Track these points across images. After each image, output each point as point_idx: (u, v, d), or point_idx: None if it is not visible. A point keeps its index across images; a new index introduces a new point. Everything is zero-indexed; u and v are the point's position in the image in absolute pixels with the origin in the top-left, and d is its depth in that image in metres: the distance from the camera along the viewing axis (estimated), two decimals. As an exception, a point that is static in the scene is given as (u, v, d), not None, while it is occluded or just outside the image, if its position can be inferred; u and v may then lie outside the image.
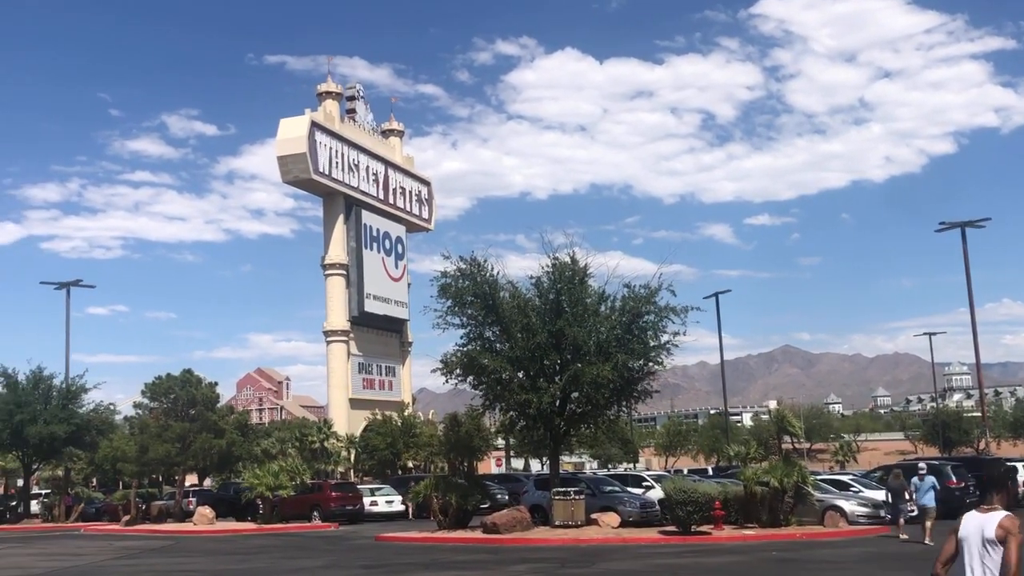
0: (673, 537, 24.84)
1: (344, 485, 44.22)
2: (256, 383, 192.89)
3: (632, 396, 29.33)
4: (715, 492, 25.82)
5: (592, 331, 27.60)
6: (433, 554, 23.40)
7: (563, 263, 28.38)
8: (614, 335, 27.55)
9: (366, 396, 76.73)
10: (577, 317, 27.60)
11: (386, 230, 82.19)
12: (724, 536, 24.72)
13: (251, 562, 22.82)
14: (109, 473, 58.14)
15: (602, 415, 29.60)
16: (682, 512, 24.96)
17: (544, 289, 28.57)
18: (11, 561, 25.34)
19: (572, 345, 27.32)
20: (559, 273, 28.25)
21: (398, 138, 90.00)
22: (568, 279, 28.11)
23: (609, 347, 27.39)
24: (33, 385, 47.56)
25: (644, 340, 28.03)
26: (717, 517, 25.47)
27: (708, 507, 25.14)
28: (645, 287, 28.12)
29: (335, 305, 75.28)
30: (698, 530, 25.08)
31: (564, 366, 27.79)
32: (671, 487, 25.75)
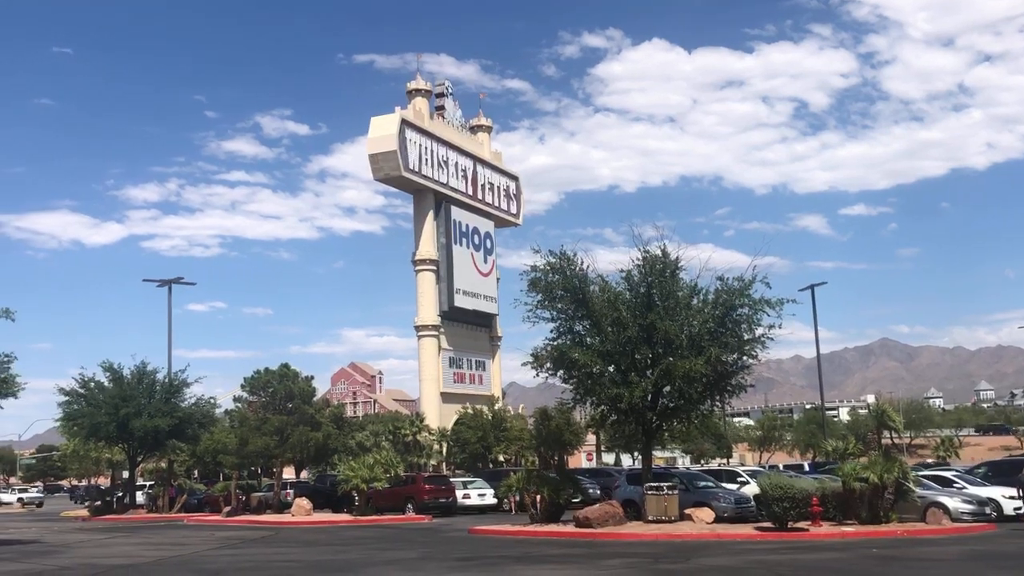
0: (769, 533, 24.43)
1: (437, 478, 44.66)
2: (350, 377, 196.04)
3: (726, 391, 28.90)
4: (812, 488, 25.30)
5: (684, 324, 27.30)
6: (526, 547, 23.45)
7: (654, 256, 28.11)
8: (707, 329, 27.19)
9: (457, 390, 77.36)
10: (669, 310, 27.32)
11: (475, 225, 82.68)
12: (822, 533, 24.21)
13: (347, 553, 23.18)
14: (210, 465, 59.75)
15: (695, 410, 29.23)
16: (778, 508, 24.54)
17: (635, 282, 28.35)
18: (119, 550, 26.24)
19: (664, 339, 27.05)
20: (650, 266, 28.00)
21: (486, 134, 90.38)
22: (659, 272, 27.83)
23: (702, 341, 27.06)
24: (138, 380, 49.08)
25: (738, 334, 27.60)
26: (815, 513, 24.94)
27: (805, 503, 24.65)
28: (739, 280, 27.69)
29: (426, 300, 76.05)
30: (795, 527, 24.62)
31: (656, 360, 27.54)
32: (767, 483, 25.32)
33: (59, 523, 45.92)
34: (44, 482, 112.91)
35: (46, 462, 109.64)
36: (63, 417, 50.27)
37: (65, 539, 31.63)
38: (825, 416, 78.10)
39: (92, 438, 51.62)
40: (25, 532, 37.00)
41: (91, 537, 32.51)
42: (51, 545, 28.68)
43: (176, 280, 55.83)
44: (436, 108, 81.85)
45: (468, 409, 71.39)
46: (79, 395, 48.80)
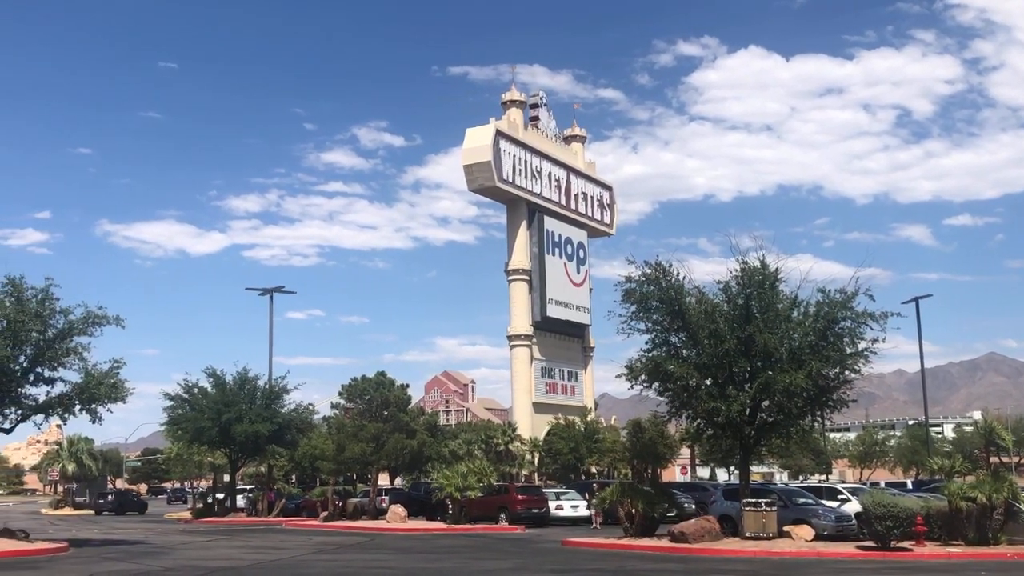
0: (871, 553, 23.73)
1: (530, 488, 44.66)
2: (443, 385, 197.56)
3: (826, 405, 28.19)
4: (917, 507, 24.49)
5: (784, 337, 26.74)
6: (620, 561, 23.25)
7: (752, 267, 27.61)
8: (807, 342, 26.59)
9: (549, 400, 77.27)
10: (768, 323, 26.79)
11: (568, 235, 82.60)
12: (926, 553, 23.41)
13: (441, 561, 23.31)
14: (307, 470, 60.88)
15: (794, 425, 28.61)
16: (881, 527, 23.82)
17: (732, 294, 27.89)
18: (220, 552, 26.90)
19: (763, 352, 26.54)
20: (748, 277, 27.52)
21: (580, 144, 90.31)
22: (758, 283, 27.33)
23: (802, 354, 26.46)
24: (239, 386, 50.25)
25: (840, 347, 26.90)
26: (919, 533, 24.14)
27: (909, 522, 23.86)
28: (841, 292, 27.02)
29: (518, 310, 76.21)
30: (898, 546, 23.85)
31: (754, 373, 27.04)
32: (869, 500, 24.60)
33: (163, 524, 47.33)
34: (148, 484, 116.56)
35: (151, 465, 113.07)
36: (168, 421, 51.84)
37: (169, 540, 32.56)
38: (929, 433, 75.69)
39: (195, 442, 53.05)
40: (132, 533, 38.23)
41: (193, 539, 33.41)
42: (156, 546, 29.55)
43: (277, 289, 57.09)
44: (530, 119, 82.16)
45: (560, 420, 71.24)
46: (183, 400, 50.24)
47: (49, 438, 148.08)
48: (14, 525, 32.77)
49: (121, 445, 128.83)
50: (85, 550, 27.71)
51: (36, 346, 28.47)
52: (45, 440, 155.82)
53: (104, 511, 63.84)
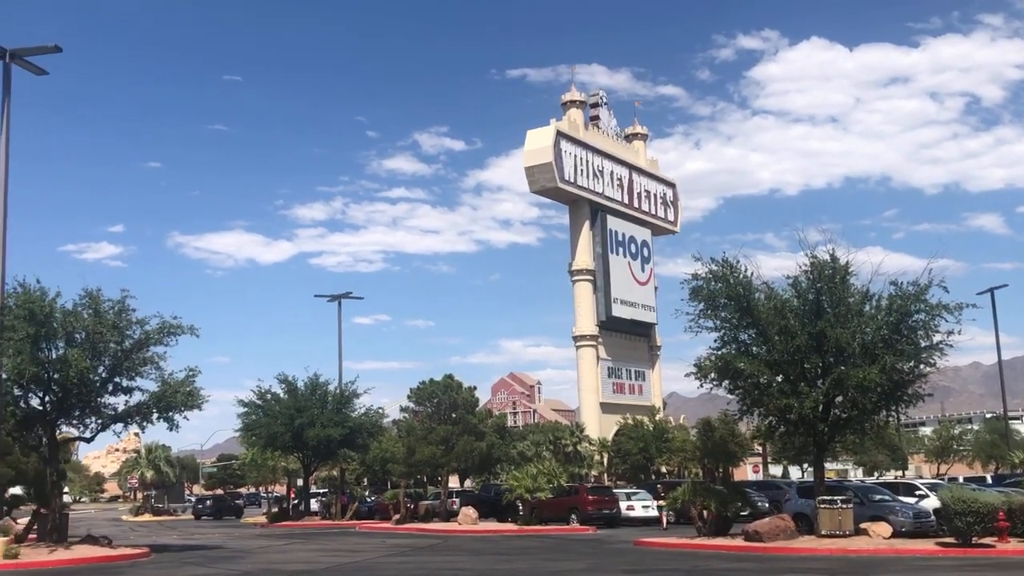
0: (951, 549, 23.26)
1: (600, 489, 44.58)
2: (509, 387, 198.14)
3: (902, 400, 27.67)
4: (998, 502, 23.93)
5: (856, 332, 26.30)
6: (694, 561, 23.10)
7: (822, 261, 27.23)
8: (880, 336, 26.14)
9: (616, 400, 76.98)
10: (839, 317, 26.41)
11: (631, 234, 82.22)
12: (1009, 549, 22.86)
13: (514, 563, 23.38)
14: (378, 473, 61.43)
15: (869, 420, 28.13)
16: (961, 523, 23.31)
17: (802, 289, 27.54)
18: (297, 556, 27.31)
19: (835, 347, 26.15)
20: (818, 272, 27.14)
21: (641, 141, 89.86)
22: (828, 278, 26.94)
23: (875, 348, 26.03)
24: (311, 391, 50.92)
25: (914, 340, 26.40)
26: (1001, 529, 23.58)
27: (991, 518, 23.32)
28: (914, 284, 26.50)
29: (583, 311, 76.04)
30: (979, 542, 23.33)
31: (827, 369, 26.67)
32: (948, 496, 24.10)
33: (240, 529, 48.17)
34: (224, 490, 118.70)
35: (226, 470, 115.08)
36: (242, 427, 52.82)
37: (246, 545, 33.13)
38: (1008, 426, 73.76)
39: (269, 447, 53.90)
40: (210, 538, 38.98)
41: (270, 543, 33.94)
42: (234, 550, 30.10)
43: (345, 295, 57.75)
44: (591, 118, 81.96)
45: (628, 419, 70.91)
46: (257, 406, 51.10)
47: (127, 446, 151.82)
48: (97, 532, 33.64)
49: (197, 452, 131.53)
50: (166, 555, 28.34)
51: (114, 357, 29.18)
52: (124, 448, 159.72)
53: (203, 516, 65.98)
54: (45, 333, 27.66)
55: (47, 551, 26.80)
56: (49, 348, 28.16)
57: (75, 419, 30.68)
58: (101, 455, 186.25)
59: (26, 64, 27.81)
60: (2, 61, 27.44)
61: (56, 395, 28.77)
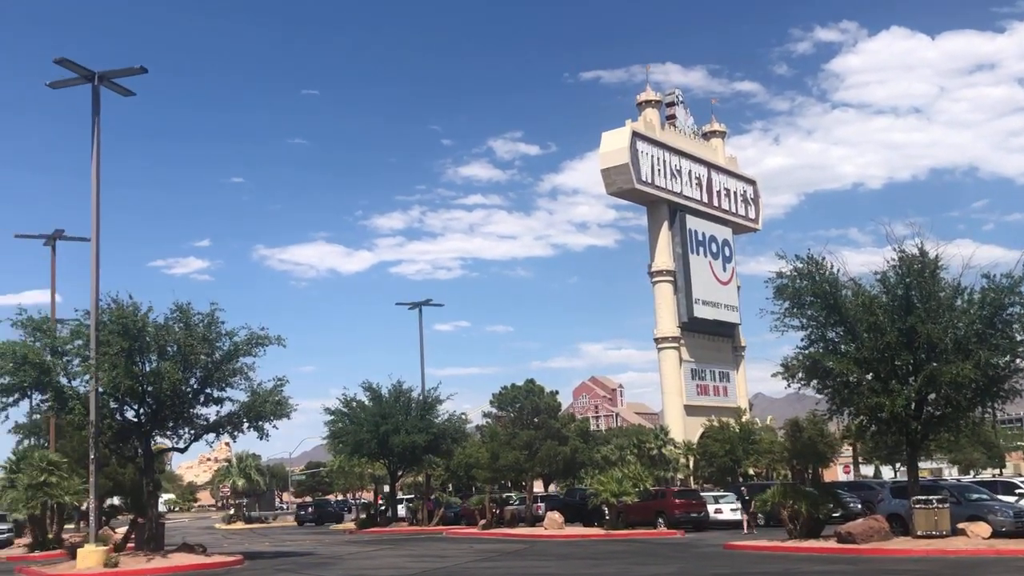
0: (1058, 551, 22.45)
1: (688, 492, 44.09)
2: (591, 391, 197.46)
3: (998, 396, 26.82)
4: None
5: (948, 327, 25.58)
6: (787, 564, 22.71)
7: (910, 255, 26.57)
8: (974, 330, 25.37)
9: (700, 402, 76.12)
10: (930, 313, 25.71)
11: (712, 233, 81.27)
12: (1121, 551, 21.99)
13: (602, 567, 23.27)
14: (463, 479, 61.82)
15: (964, 417, 27.32)
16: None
17: (891, 284, 26.90)
18: (387, 561, 27.61)
19: (926, 343, 25.49)
20: (907, 266, 26.49)
21: (719, 139, 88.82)
22: (917, 272, 26.27)
23: (969, 344, 25.27)
24: (395, 398, 51.39)
25: (1009, 334, 25.57)
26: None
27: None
28: (1007, 276, 25.67)
29: (664, 312, 75.37)
30: (1088, 544, 22.49)
31: (918, 366, 25.98)
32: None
33: (329, 536, 48.88)
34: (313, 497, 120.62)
35: (314, 478, 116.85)
36: (329, 435, 53.57)
37: (337, 551, 33.59)
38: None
39: (356, 454, 54.53)
40: (301, 545, 39.64)
41: (360, 549, 34.37)
42: (325, 557, 30.57)
43: (425, 302, 58.16)
44: (667, 118, 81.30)
45: (714, 421, 70.02)
46: (343, 414, 51.78)
47: (219, 456, 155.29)
48: (192, 540, 34.47)
49: (286, 460, 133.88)
50: (259, 562, 28.90)
51: (205, 368, 29.87)
52: (215, 458, 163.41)
53: (306, 522, 67.78)
54: (139, 347, 28.47)
55: (145, 559, 27.56)
56: (143, 362, 28.97)
57: (169, 430, 31.50)
58: (194, 465, 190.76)
59: (114, 86, 28.63)
60: (91, 84, 28.26)
61: (150, 407, 29.56)
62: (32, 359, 27.72)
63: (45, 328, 29.52)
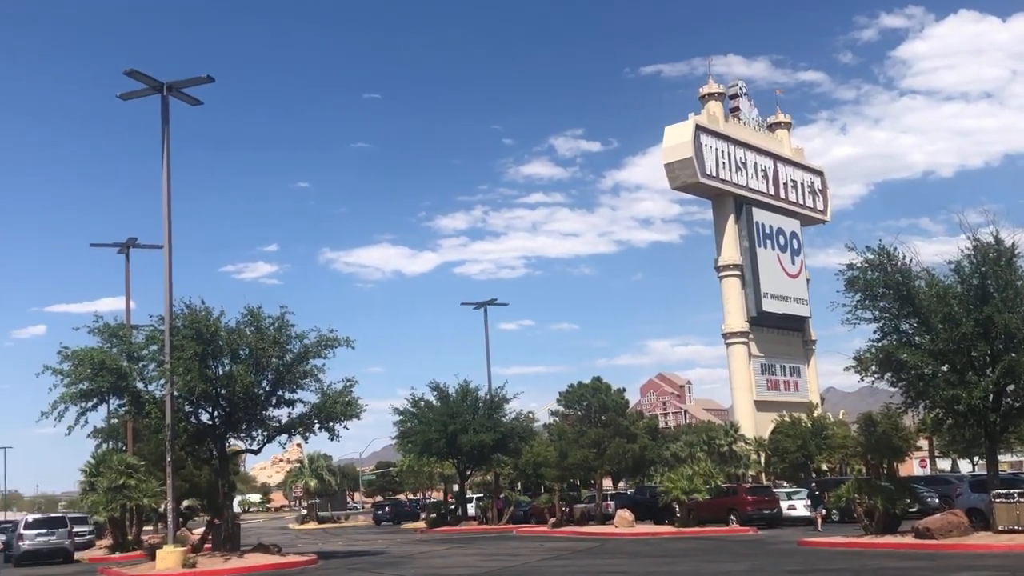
0: None
1: (759, 488, 43.62)
2: (658, 388, 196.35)
3: (1081, 386, 26.05)
4: None
5: (1027, 316, 24.91)
6: (863, 560, 22.29)
7: (985, 243, 25.91)
8: (1053, 319, 24.67)
9: (771, 397, 75.13)
10: (1007, 302, 25.04)
11: (779, 226, 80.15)
12: None
13: (674, 565, 23.09)
14: (531, 477, 61.79)
15: (1046, 408, 26.59)
16: None
17: (966, 274, 26.26)
18: (458, 560, 27.74)
19: (1004, 333, 24.82)
20: (982, 255, 25.83)
21: (785, 130, 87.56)
22: (993, 261, 25.60)
23: (1048, 333, 24.57)
24: (462, 398, 51.71)
25: (1091, 322, 24.81)
26: None
27: None
28: (1089, 264, 24.91)
29: (732, 307, 74.55)
30: None
31: (996, 357, 25.32)
32: None
33: (401, 535, 49.33)
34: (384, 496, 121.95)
35: (384, 478, 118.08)
36: (398, 435, 54.10)
37: (408, 550, 33.87)
38: None
39: (424, 454, 54.98)
40: (373, 544, 40.05)
41: (431, 548, 34.60)
42: (397, 556, 30.84)
43: (490, 302, 58.35)
44: (731, 110, 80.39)
45: (785, 417, 69.14)
46: (411, 414, 52.25)
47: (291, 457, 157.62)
48: (267, 540, 35.05)
49: (356, 460, 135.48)
50: (332, 562, 29.26)
51: (276, 371, 30.31)
52: (287, 459, 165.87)
53: (383, 521, 69.44)
54: (212, 351, 29.01)
55: (222, 559, 28.08)
56: (216, 365, 29.51)
57: (242, 432, 32.04)
58: (267, 466, 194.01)
59: (183, 96, 29.18)
60: (160, 94, 28.84)
61: (224, 410, 30.10)
62: (109, 365, 28.38)
63: (121, 334, 30.19)
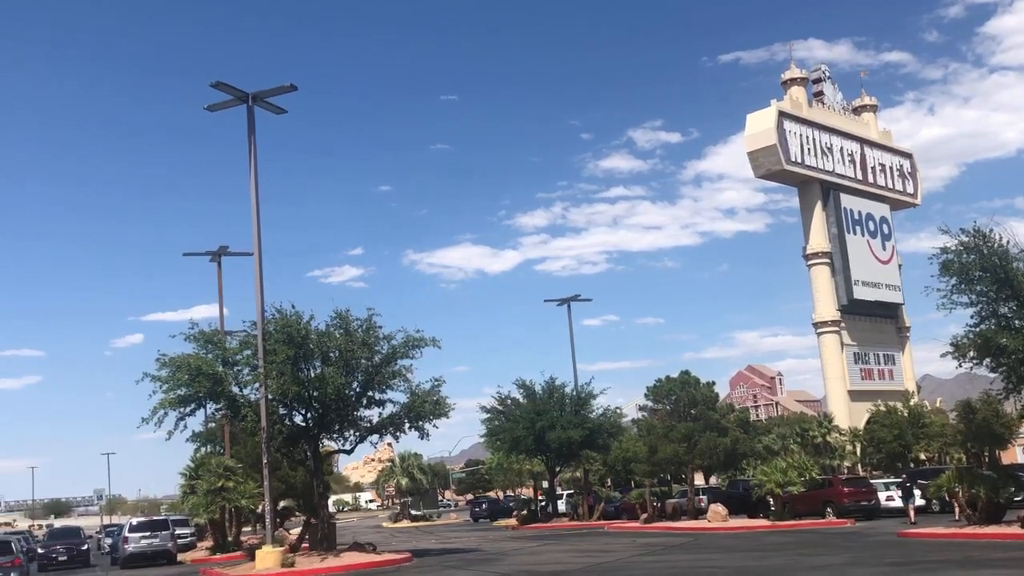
0: None
1: (856, 480, 42.71)
2: (748, 380, 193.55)
3: None
4: None
5: None
6: (966, 551, 21.68)
7: (1088, 222, 24.95)
8: None
9: (865, 387, 73.58)
10: (1115, 282, 24.08)
11: (868, 211, 78.40)
12: None
13: (770, 559, 22.76)
14: (621, 473, 61.47)
15: None
16: None
17: (1067, 254, 25.34)
18: (550, 557, 27.78)
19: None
20: (1086, 234, 24.90)
21: (871, 113, 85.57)
22: (1098, 239, 24.66)
23: None
24: (548, 395, 51.73)
25: None
26: None
27: None
28: None
29: (822, 295, 73.23)
30: None
31: (1105, 339, 24.37)
32: None
33: (492, 532, 49.60)
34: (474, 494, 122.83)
35: (474, 475, 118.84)
36: (486, 433, 54.38)
37: (501, 547, 34.04)
38: None
39: (513, 451, 55.19)
40: (466, 542, 40.36)
41: (523, 545, 34.72)
42: (490, 553, 31.02)
43: (573, 298, 58.27)
44: (814, 95, 78.88)
45: (880, 406, 67.53)
46: (498, 412, 52.48)
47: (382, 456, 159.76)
48: (362, 539, 35.59)
49: (446, 458, 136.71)
50: (426, 559, 29.59)
51: (366, 372, 30.75)
52: (378, 458, 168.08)
53: (480, 518, 70.54)
54: (303, 354, 29.57)
55: (319, 559, 28.62)
56: (307, 368, 30.07)
57: (335, 433, 32.60)
58: (359, 466, 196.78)
59: (267, 105, 29.80)
60: (246, 104, 29.49)
61: (317, 411, 30.66)
62: (206, 370, 29.12)
63: (216, 340, 30.97)
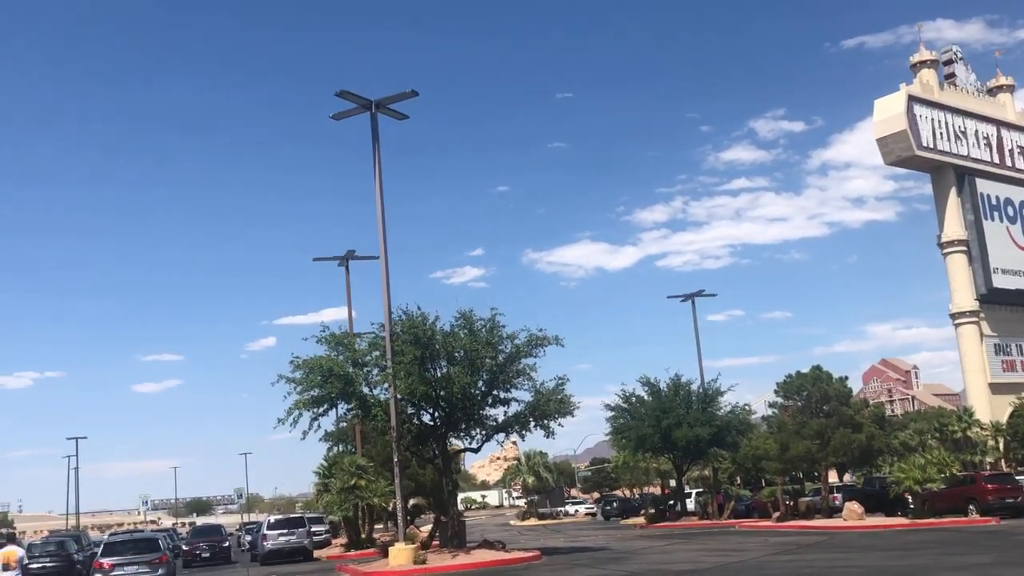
0: None
1: (1001, 476, 40.83)
2: (882, 374, 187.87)
3: None
4: None
5: None
6: None
7: None
8: None
9: (1008, 379, 70.21)
10: None
11: (1007, 196, 74.80)
12: None
13: (911, 558, 21.98)
14: (751, 471, 60.38)
15: None
16: None
17: None
18: (681, 556, 27.47)
19: None
20: None
21: (1007, 94, 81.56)
22: None
23: None
24: (673, 392, 51.13)
25: None
26: None
27: None
28: None
29: (959, 285, 70.29)
30: None
31: None
32: None
33: (620, 531, 49.39)
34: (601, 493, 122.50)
35: (599, 474, 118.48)
36: (611, 431, 54.15)
37: (630, 546, 33.86)
38: None
39: (639, 449, 54.77)
40: (594, 540, 40.30)
41: (652, 544, 34.44)
42: (618, 552, 30.88)
43: (698, 293, 57.43)
44: (945, 77, 75.71)
45: (1024, 399, 64.58)
46: (623, 410, 52.16)
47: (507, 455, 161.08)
48: (491, 537, 35.92)
49: (571, 456, 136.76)
50: (556, 558, 29.64)
51: (490, 371, 31.02)
52: (504, 457, 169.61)
53: (611, 517, 71.58)
54: (429, 355, 30.04)
55: (450, 556, 29.01)
56: (434, 368, 30.52)
57: (462, 431, 33.00)
58: (485, 464, 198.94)
59: (390, 111, 30.38)
60: (369, 112, 30.11)
61: (444, 410, 31.10)
62: (337, 372, 29.87)
63: (346, 342, 31.72)
